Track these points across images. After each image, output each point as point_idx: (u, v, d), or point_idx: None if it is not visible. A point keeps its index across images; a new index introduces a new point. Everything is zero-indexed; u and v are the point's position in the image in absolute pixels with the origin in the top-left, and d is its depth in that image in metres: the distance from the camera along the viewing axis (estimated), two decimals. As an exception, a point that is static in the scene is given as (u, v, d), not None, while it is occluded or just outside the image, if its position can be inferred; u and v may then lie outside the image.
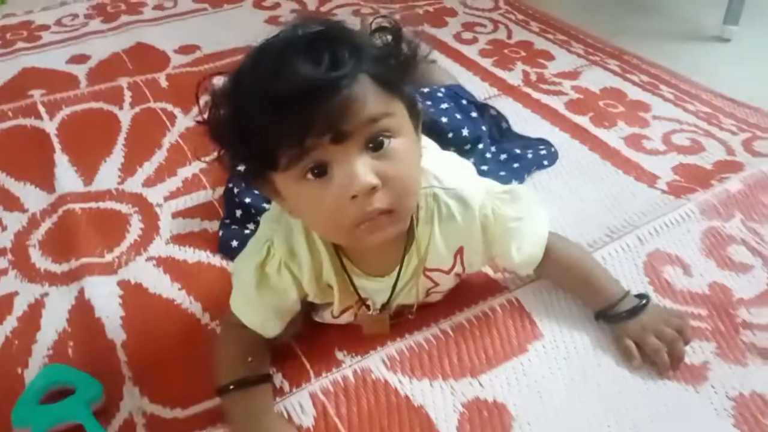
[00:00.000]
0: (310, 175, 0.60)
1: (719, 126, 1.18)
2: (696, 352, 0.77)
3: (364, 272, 0.74)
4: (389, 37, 0.65)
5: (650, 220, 0.95)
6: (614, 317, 0.78)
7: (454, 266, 0.76)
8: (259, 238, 0.74)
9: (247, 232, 0.94)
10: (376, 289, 0.75)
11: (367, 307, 0.76)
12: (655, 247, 0.92)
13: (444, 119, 1.00)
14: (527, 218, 0.78)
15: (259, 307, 0.74)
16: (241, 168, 0.68)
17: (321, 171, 0.60)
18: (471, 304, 0.83)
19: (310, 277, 0.72)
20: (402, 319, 0.80)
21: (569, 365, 0.76)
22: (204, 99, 0.64)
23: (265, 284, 0.72)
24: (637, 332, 0.76)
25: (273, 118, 0.57)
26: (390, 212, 0.62)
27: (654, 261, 0.89)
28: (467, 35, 1.55)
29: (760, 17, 1.57)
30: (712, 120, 1.20)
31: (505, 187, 0.80)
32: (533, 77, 1.36)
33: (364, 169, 0.59)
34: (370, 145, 0.60)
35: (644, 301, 0.79)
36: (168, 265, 0.93)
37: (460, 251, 0.75)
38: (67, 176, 1.11)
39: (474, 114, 1.07)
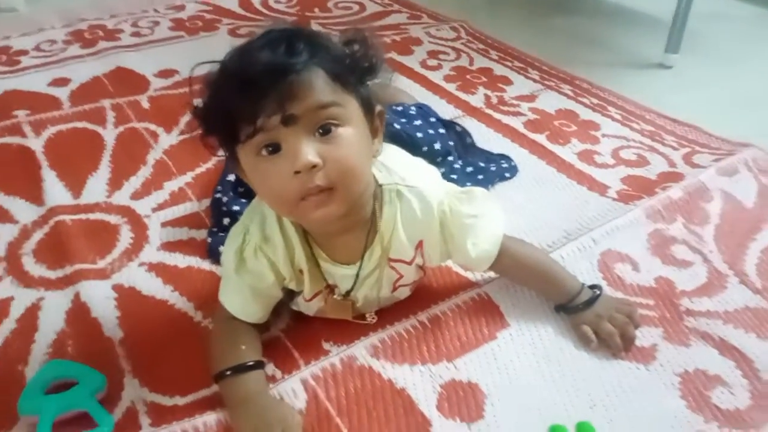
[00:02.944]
0: (264, 152, 0.67)
1: (662, 142, 1.30)
2: (645, 337, 0.85)
3: (331, 259, 0.80)
4: (355, 46, 0.72)
5: (602, 224, 1.04)
6: (573, 309, 0.86)
7: (414, 258, 0.82)
8: (237, 227, 0.81)
9: (234, 239, 1.00)
10: (342, 275, 0.81)
11: (334, 292, 0.82)
12: (607, 247, 1.01)
13: (419, 134, 1.07)
14: (482, 216, 0.83)
15: (240, 290, 0.80)
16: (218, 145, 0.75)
17: (274, 149, 0.67)
18: (445, 298, 0.91)
19: (284, 260, 0.78)
20: (363, 321, 0.85)
21: (534, 350, 0.84)
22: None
23: (243, 268, 0.79)
24: (593, 319, 0.84)
25: (233, 95, 0.65)
26: (331, 190, 0.67)
27: (607, 259, 0.98)
28: (432, 62, 1.64)
29: (697, 46, 1.71)
30: (655, 137, 1.31)
31: (463, 188, 0.85)
32: (494, 100, 1.46)
33: (307, 149, 0.65)
34: (319, 131, 0.67)
35: (598, 292, 0.87)
36: (159, 269, 0.98)
37: (420, 244, 0.81)
38: (55, 190, 1.15)
39: (442, 130, 1.15)
